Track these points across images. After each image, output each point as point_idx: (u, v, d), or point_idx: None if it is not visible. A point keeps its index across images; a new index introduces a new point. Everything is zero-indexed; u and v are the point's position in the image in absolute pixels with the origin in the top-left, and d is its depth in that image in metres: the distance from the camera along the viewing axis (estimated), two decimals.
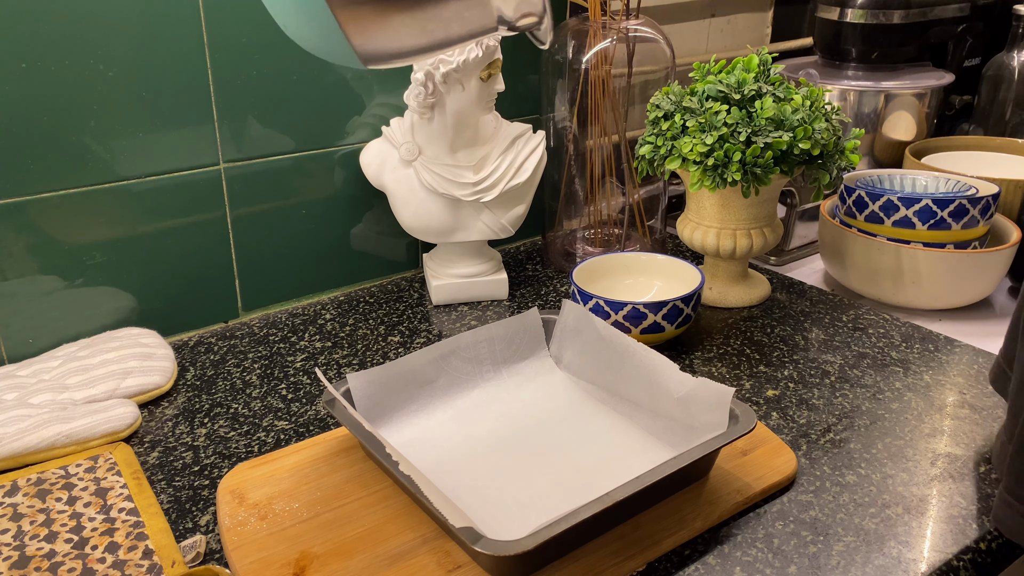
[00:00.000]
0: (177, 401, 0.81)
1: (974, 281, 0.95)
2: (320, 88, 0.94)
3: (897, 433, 0.74)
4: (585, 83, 1.01)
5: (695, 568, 0.59)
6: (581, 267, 0.92)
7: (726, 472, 0.67)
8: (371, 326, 0.94)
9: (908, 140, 1.27)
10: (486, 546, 0.53)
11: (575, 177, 1.07)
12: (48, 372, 0.79)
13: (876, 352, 0.87)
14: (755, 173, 0.87)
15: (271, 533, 0.61)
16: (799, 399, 0.79)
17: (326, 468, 0.68)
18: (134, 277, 0.88)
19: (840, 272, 1.02)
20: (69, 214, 0.83)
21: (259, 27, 0.87)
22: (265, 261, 0.96)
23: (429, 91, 0.88)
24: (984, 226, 0.96)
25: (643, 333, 0.85)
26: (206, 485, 0.69)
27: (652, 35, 1.02)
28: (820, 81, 1.27)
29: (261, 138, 0.92)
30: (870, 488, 0.67)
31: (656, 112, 0.93)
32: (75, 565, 0.59)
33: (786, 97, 0.89)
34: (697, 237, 0.96)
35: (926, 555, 0.61)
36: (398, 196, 0.95)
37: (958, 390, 0.81)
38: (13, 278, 0.82)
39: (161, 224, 0.88)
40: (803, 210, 1.13)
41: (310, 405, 0.80)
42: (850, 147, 0.92)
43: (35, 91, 0.78)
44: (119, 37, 0.80)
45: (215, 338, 0.92)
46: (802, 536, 0.62)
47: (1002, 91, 1.30)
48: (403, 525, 0.62)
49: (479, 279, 0.99)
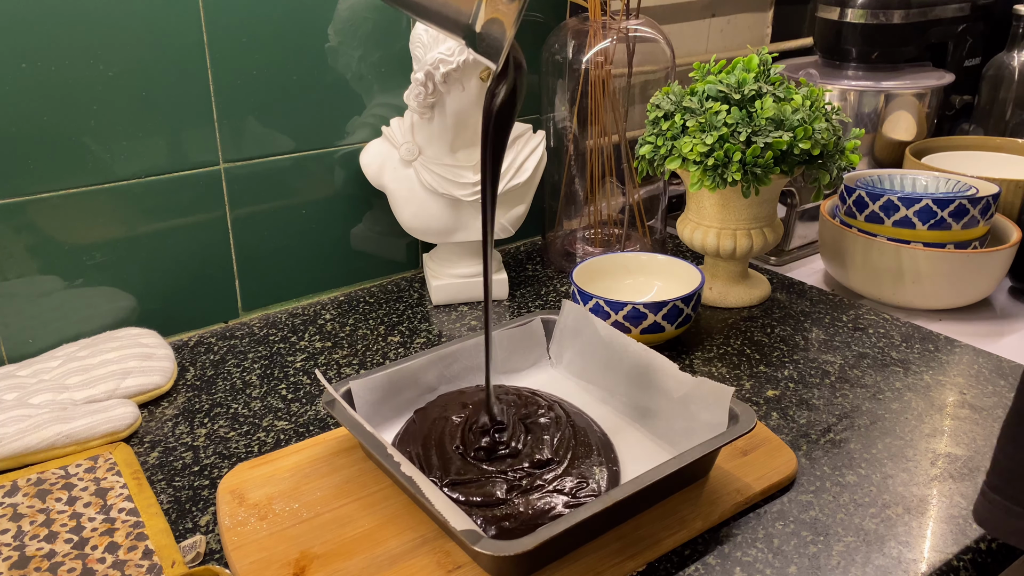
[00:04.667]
0: (177, 401, 0.81)
1: (974, 281, 0.95)
2: (320, 88, 0.94)
3: (897, 433, 0.74)
4: (585, 83, 1.01)
5: (695, 568, 0.59)
6: (581, 267, 0.92)
7: (726, 472, 0.67)
8: (371, 326, 0.94)
9: (908, 140, 1.27)
10: (486, 546, 0.53)
11: (575, 177, 1.07)
12: (48, 372, 0.79)
13: (876, 352, 0.87)
14: (755, 173, 0.87)
15: (271, 533, 0.61)
16: (799, 399, 0.79)
17: (326, 468, 0.68)
18: (134, 277, 0.88)
19: (840, 272, 1.02)
20: (69, 214, 0.83)
21: (259, 27, 0.88)
22: (265, 261, 0.96)
23: (429, 91, 0.88)
24: (984, 226, 0.96)
25: (643, 333, 0.85)
26: (206, 485, 0.69)
27: (652, 35, 1.02)
28: (820, 81, 1.27)
29: (261, 138, 0.92)
30: (870, 488, 0.67)
31: (656, 112, 0.93)
32: (75, 565, 0.59)
33: (786, 97, 0.89)
34: (697, 237, 0.96)
35: (926, 555, 0.61)
36: (398, 196, 0.96)
37: (958, 390, 0.81)
38: (13, 278, 0.82)
39: (161, 224, 0.88)
40: (803, 210, 1.13)
41: (310, 405, 0.80)
42: (850, 147, 0.92)
43: (35, 91, 0.78)
44: (119, 37, 0.80)
45: (215, 338, 0.92)
46: (802, 536, 0.62)
47: (1002, 91, 1.30)
48: (403, 525, 0.62)
49: (479, 279, 0.99)
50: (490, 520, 0.60)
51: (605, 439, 0.70)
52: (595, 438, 0.69)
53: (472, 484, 0.64)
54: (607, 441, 0.69)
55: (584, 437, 0.69)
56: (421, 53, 0.87)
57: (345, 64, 0.95)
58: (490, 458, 0.66)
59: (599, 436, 0.70)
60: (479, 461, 0.65)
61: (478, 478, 0.64)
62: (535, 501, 0.62)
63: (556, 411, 0.71)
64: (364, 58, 0.96)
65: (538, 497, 0.62)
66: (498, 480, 0.64)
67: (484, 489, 0.63)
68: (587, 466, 0.66)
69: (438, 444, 0.68)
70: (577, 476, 0.64)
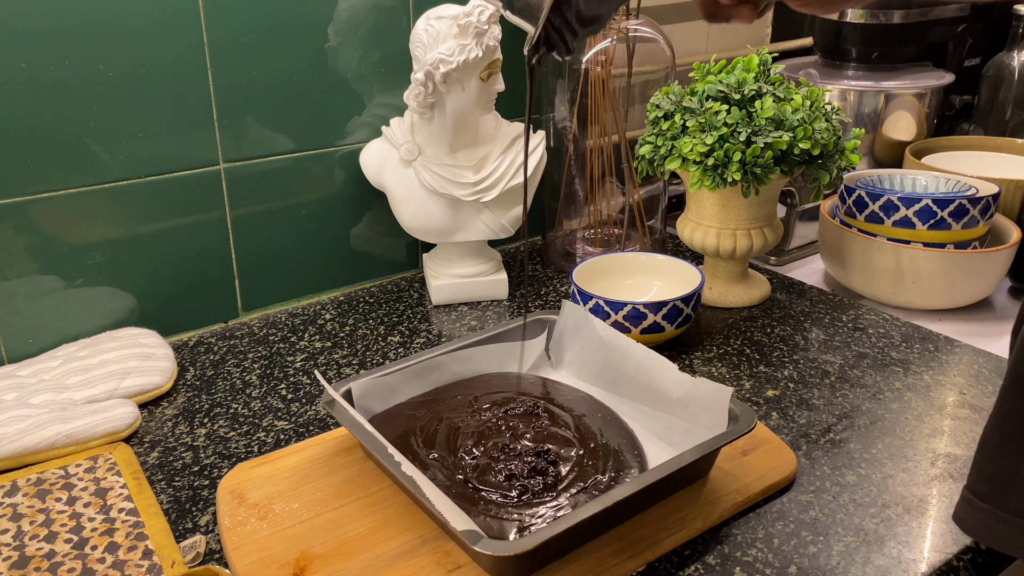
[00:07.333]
0: (177, 401, 0.81)
1: (974, 281, 0.95)
2: (320, 88, 0.94)
3: (897, 433, 0.74)
4: (585, 83, 1.01)
5: (695, 568, 0.59)
6: (581, 267, 0.92)
7: (726, 472, 0.67)
8: (371, 326, 0.94)
9: (908, 140, 1.27)
10: (486, 546, 0.53)
11: (575, 177, 1.07)
12: (48, 372, 0.79)
13: (876, 352, 0.87)
14: (755, 173, 0.87)
15: (271, 533, 0.61)
16: (799, 399, 0.79)
17: (326, 468, 0.68)
18: (134, 277, 0.88)
19: (840, 272, 1.02)
20: (69, 214, 0.83)
21: (259, 27, 0.87)
22: (265, 261, 0.96)
23: (429, 91, 0.88)
24: (984, 226, 0.96)
25: (643, 333, 0.85)
26: (206, 485, 0.69)
27: (652, 35, 1.02)
28: (820, 81, 1.27)
29: (261, 138, 0.92)
30: (870, 488, 0.67)
31: (656, 112, 0.93)
32: (75, 565, 0.59)
33: (786, 97, 0.89)
34: (697, 237, 0.96)
35: (926, 555, 0.61)
36: (398, 196, 0.96)
37: (958, 390, 0.81)
38: (13, 278, 0.82)
39: (161, 224, 0.88)
40: (803, 210, 1.12)
41: (310, 405, 0.80)
42: (850, 147, 0.92)
43: (35, 91, 0.78)
44: (119, 37, 0.80)
45: (215, 338, 0.92)
46: (802, 536, 0.62)
47: (1002, 91, 1.30)
48: (403, 525, 0.62)
49: (479, 279, 0.99)
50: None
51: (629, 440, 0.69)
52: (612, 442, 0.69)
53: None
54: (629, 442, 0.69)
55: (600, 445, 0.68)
56: (421, 53, 0.87)
57: (345, 64, 0.95)
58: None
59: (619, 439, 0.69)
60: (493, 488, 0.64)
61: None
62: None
63: (573, 427, 0.71)
64: (364, 58, 0.96)
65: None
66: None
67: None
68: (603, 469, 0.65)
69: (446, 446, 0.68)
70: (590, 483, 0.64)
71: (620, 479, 0.64)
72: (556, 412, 0.72)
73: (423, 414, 0.72)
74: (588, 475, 0.64)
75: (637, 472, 0.65)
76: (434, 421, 0.71)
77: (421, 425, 0.70)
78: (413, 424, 0.70)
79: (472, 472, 0.65)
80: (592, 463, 0.66)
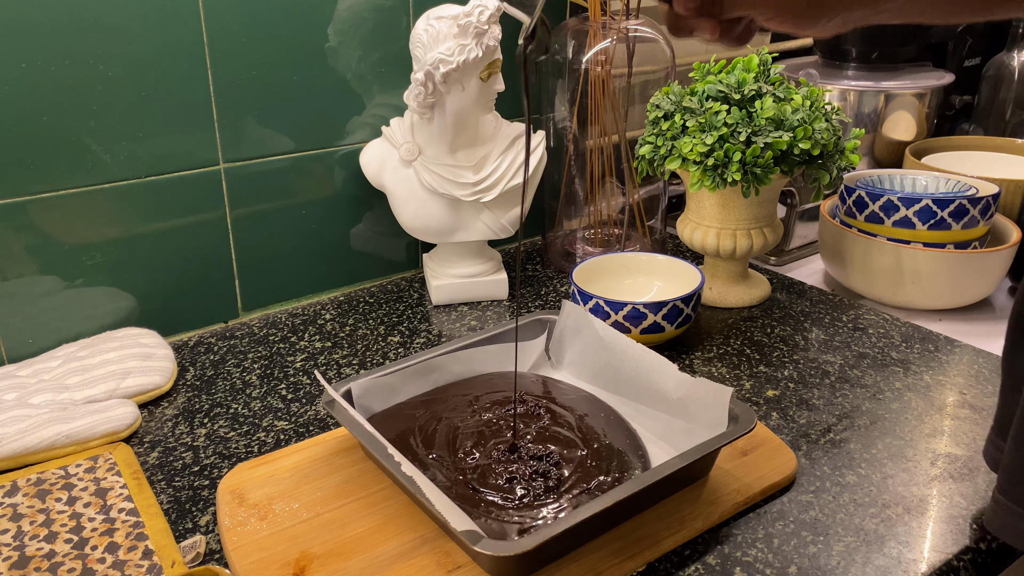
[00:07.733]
0: (177, 401, 0.81)
1: (974, 281, 0.95)
2: (320, 88, 0.94)
3: (897, 433, 0.74)
4: (585, 83, 1.01)
5: (695, 568, 0.59)
6: (581, 267, 0.92)
7: (726, 472, 0.67)
8: (371, 326, 0.94)
9: (908, 140, 1.27)
10: (486, 546, 0.53)
11: (575, 177, 1.07)
12: (48, 372, 0.79)
13: (876, 352, 0.87)
14: (755, 173, 0.87)
15: (271, 533, 0.61)
16: (799, 399, 0.79)
17: (326, 468, 0.68)
18: (134, 277, 0.88)
19: (840, 272, 1.02)
20: (69, 214, 0.83)
21: (259, 27, 0.88)
22: (265, 261, 0.96)
23: (429, 91, 0.88)
24: (984, 226, 0.96)
25: (643, 333, 0.85)
26: (206, 485, 0.69)
27: (652, 35, 1.02)
28: (820, 81, 1.27)
29: (261, 138, 0.92)
30: (870, 488, 0.67)
31: (656, 112, 0.93)
32: (75, 565, 0.59)
33: (786, 97, 0.89)
34: (697, 237, 0.96)
35: (926, 555, 0.61)
36: (398, 196, 0.96)
37: (958, 390, 0.81)
38: (13, 278, 0.82)
39: (161, 224, 0.88)
40: (803, 210, 1.13)
41: (310, 405, 0.80)
42: (850, 147, 0.92)
43: (35, 91, 0.78)
44: (119, 37, 0.80)
45: (215, 338, 0.92)
46: (802, 536, 0.62)
47: (1002, 91, 1.30)
48: (403, 525, 0.62)
49: (479, 279, 0.99)
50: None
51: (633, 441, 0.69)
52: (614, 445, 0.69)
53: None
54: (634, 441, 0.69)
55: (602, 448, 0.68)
56: (421, 53, 0.87)
57: (345, 64, 0.95)
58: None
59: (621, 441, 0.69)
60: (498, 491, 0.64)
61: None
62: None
63: (575, 428, 0.71)
64: (364, 58, 0.96)
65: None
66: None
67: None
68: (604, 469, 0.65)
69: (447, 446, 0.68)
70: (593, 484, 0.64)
71: (624, 480, 0.64)
72: (558, 412, 0.72)
73: (423, 414, 0.72)
74: (591, 476, 0.64)
75: (641, 473, 0.65)
76: (433, 421, 0.71)
77: (420, 425, 0.70)
78: (412, 424, 0.71)
79: (472, 473, 0.65)
80: (595, 464, 0.66)
